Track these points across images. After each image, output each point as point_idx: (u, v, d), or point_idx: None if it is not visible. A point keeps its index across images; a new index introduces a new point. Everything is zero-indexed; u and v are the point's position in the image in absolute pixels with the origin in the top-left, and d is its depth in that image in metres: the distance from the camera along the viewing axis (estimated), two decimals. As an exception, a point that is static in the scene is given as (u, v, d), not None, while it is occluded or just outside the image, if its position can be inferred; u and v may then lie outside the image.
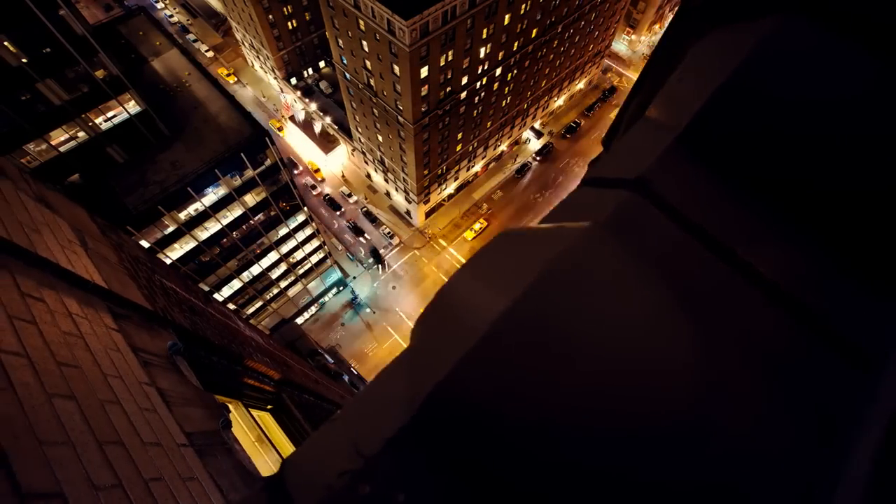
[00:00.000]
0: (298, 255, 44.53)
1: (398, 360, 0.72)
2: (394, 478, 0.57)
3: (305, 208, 39.96)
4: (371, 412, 0.67)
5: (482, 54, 41.77)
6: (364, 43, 39.25)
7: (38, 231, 2.47)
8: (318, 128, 59.14)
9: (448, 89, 41.98)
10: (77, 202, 3.59)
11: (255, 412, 4.88)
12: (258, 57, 61.22)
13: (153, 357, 2.78)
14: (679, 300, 0.62)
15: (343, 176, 59.17)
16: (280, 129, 60.48)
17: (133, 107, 30.00)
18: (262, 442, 4.42)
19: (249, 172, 33.09)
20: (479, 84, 44.68)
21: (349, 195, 57.23)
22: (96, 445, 1.75)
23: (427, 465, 0.58)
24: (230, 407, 3.87)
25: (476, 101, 46.42)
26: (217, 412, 3.08)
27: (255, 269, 41.07)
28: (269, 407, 5.47)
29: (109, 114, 29.35)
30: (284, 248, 42.17)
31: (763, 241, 0.75)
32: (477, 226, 55.09)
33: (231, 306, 40.12)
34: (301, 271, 46.87)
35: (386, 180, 54.92)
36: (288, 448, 5.09)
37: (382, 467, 0.58)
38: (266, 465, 4.28)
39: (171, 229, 31.01)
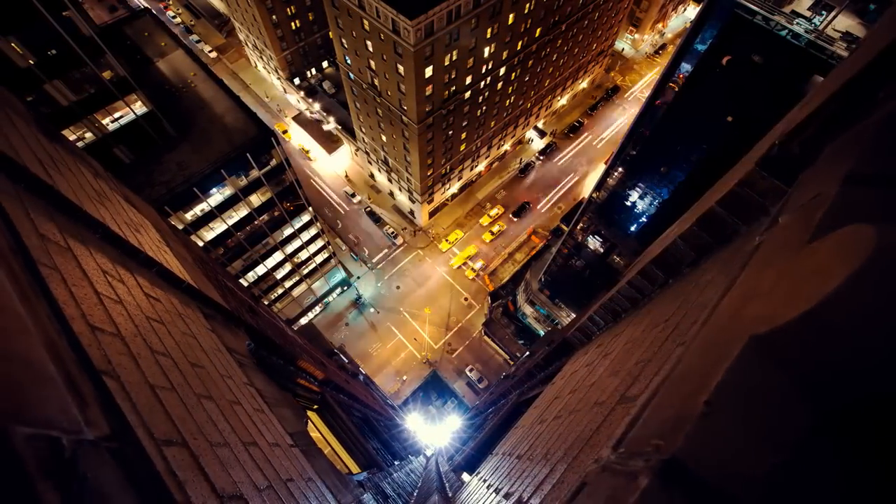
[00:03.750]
0: (303, 254, 44.50)
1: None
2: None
3: (310, 208, 39.93)
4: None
5: (486, 54, 41.73)
6: (368, 43, 39.20)
7: (140, 231, 2.49)
8: (322, 128, 59.09)
9: (452, 89, 41.95)
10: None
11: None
12: (261, 57, 61.14)
13: (242, 357, 2.79)
14: None
15: (346, 176, 59.11)
16: (285, 132, 60.28)
17: (139, 107, 29.96)
18: (320, 441, 4.45)
19: (255, 173, 33.06)
20: (483, 83, 44.64)
21: (353, 195, 57.17)
22: (243, 447, 1.77)
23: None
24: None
25: (480, 100, 46.38)
26: (300, 412, 3.09)
27: (260, 270, 41.04)
28: (315, 406, 5.49)
29: (116, 114, 29.32)
30: (289, 248, 42.14)
31: None
32: (494, 211, 54.93)
33: (236, 307, 39.86)
34: (305, 271, 46.85)
35: (389, 180, 54.88)
36: (337, 446, 5.10)
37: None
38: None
39: (177, 230, 30.94)
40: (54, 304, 1.22)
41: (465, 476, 4.41)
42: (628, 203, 35.34)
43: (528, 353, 18.81)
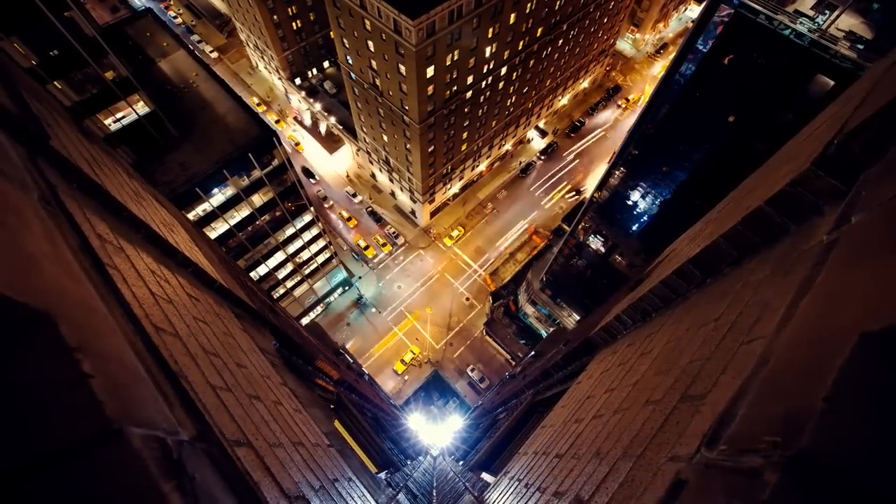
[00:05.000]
0: (305, 254, 44.48)
1: None
2: None
3: (312, 208, 39.92)
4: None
5: (488, 53, 41.72)
6: (370, 43, 39.19)
7: (173, 231, 2.49)
8: (322, 128, 59.09)
9: (454, 89, 41.94)
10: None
11: (324, 412, 4.88)
12: (262, 57, 61.12)
13: (273, 357, 2.80)
14: None
15: (348, 176, 59.12)
16: (297, 143, 60.05)
17: (142, 108, 29.95)
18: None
19: (257, 173, 33.05)
20: (484, 83, 44.64)
21: (354, 195, 57.17)
22: (293, 447, 1.77)
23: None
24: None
25: (481, 100, 46.38)
26: (328, 412, 3.10)
27: (262, 270, 41.01)
28: (331, 406, 5.49)
29: (118, 115, 29.30)
30: (291, 248, 42.12)
31: None
32: (455, 233, 54.83)
33: (238, 307, 39.81)
34: (307, 271, 46.82)
35: (391, 180, 54.87)
36: (354, 446, 5.09)
37: None
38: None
39: (180, 230, 30.91)
40: (125, 305, 1.22)
41: (486, 476, 4.41)
42: (630, 203, 35.35)
43: (532, 352, 18.83)
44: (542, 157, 59.95)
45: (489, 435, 7.10)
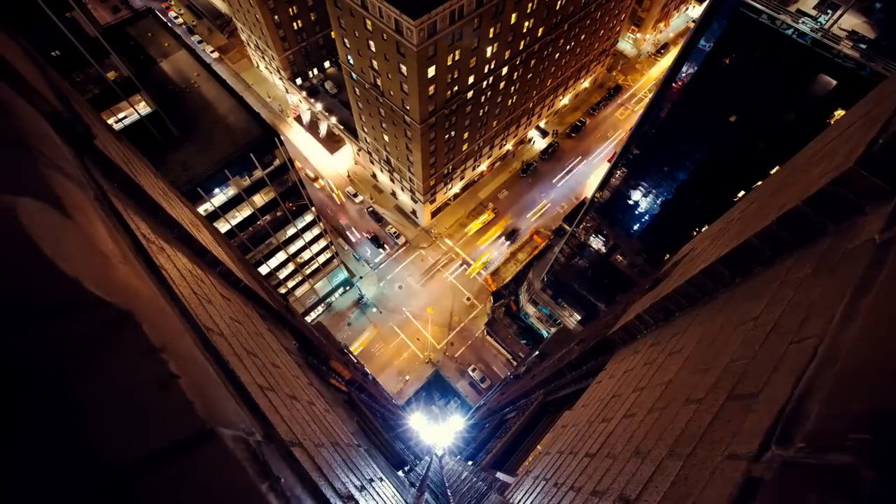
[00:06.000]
0: (306, 255, 44.49)
1: None
2: None
3: (313, 208, 39.92)
4: None
5: (489, 53, 41.72)
6: (371, 43, 39.18)
7: (199, 231, 2.49)
8: (323, 128, 59.08)
9: (455, 89, 41.94)
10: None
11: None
12: (263, 57, 61.11)
13: (297, 358, 2.80)
14: None
15: (349, 176, 59.13)
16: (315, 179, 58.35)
17: (143, 108, 29.93)
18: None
19: (258, 173, 33.05)
20: (485, 83, 44.63)
21: (355, 195, 57.18)
22: (332, 448, 1.77)
23: None
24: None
25: (482, 100, 46.38)
26: (350, 413, 3.10)
27: (263, 270, 41.00)
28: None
29: (120, 115, 29.27)
30: (292, 248, 42.12)
31: None
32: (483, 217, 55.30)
33: (239, 307, 39.77)
34: (308, 271, 46.82)
35: (392, 180, 54.87)
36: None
37: None
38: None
39: (182, 230, 30.89)
40: (181, 304, 1.23)
41: (501, 475, 4.42)
42: (631, 203, 35.35)
43: (537, 353, 18.88)
44: (544, 157, 59.97)
45: (499, 435, 7.11)
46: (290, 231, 40.22)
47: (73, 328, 0.66)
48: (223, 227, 33.88)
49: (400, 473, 4.71)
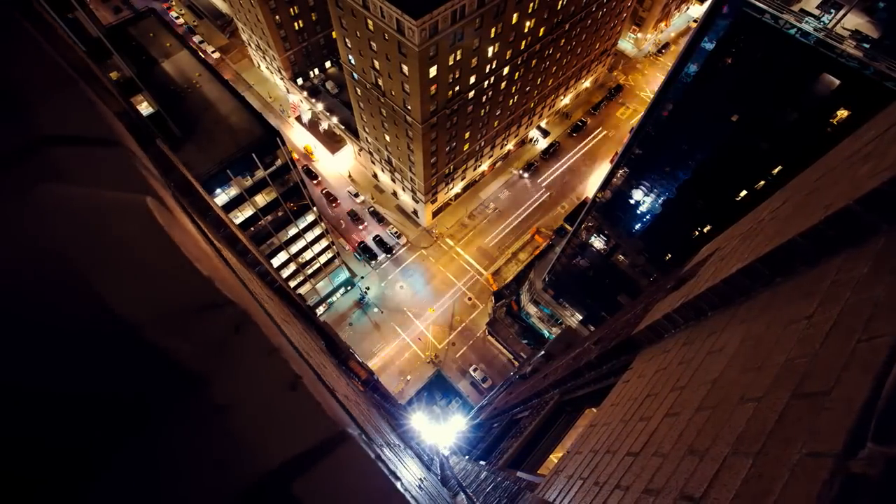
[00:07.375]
0: (307, 255, 44.47)
1: None
2: None
3: (315, 208, 39.91)
4: None
5: (490, 53, 41.73)
6: (372, 43, 39.16)
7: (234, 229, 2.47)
8: (323, 128, 59.05)
9: (456, 88, 41.93)
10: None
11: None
12: (264, 58, 61.05)
13: (331, 358, 2.80)
14: None
15: (350, 176, 59.10)
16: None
17: (145, 108, 29.88)
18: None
19: (260, 173, 33.04)
20: (486, 83, 44.63)
21: (356, 195, 57.16)
22: (388, 448, 1.77)
23: None
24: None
25: (484, 100, 46.37)
26: (382, 413, 3.11)
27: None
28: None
29: (122, 115, 29.24)
30: (294, 248, 42.10)
31: None
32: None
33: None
34: (310, 271, 46.81)
35: (393, 180, 54.85)
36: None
37: None
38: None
39: (184, 231, 30.84)
40: (261, 304, 1.24)
41: (522, 474, 4.44)
42: (632, 202, 35.35)
43: (542, 353, 18.91)
44: (545, 157, 59.99)
45: (512, 434, 7.14)
46: (292, 231, 40.22)
47: (210, 329, 0.67)
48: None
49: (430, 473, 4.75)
